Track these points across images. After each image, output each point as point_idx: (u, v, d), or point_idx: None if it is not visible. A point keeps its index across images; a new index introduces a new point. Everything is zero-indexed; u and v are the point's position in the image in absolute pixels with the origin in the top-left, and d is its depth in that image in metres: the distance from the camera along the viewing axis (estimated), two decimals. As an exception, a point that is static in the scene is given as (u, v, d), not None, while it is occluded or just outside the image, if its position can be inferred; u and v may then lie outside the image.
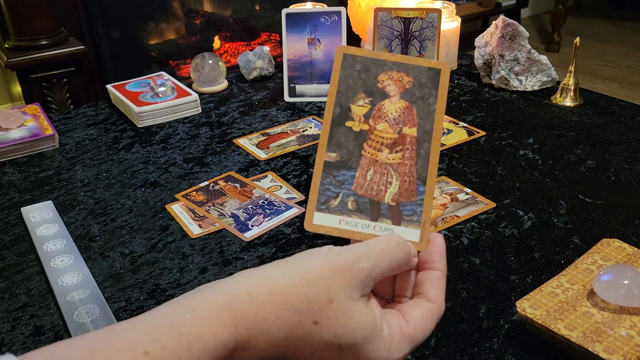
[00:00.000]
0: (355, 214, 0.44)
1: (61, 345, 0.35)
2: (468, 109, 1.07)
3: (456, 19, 1.23)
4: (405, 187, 0.45)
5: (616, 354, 0.50)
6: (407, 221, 0.44)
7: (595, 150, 0.91)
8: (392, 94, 0.46)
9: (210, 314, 0.36)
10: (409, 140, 0.45)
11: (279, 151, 0.96)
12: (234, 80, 1.25)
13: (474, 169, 0.87)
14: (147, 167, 0.92)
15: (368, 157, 0.45)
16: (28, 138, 0.97)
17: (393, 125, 0.46)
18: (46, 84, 1.94)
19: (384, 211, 0.44)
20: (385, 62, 0.47)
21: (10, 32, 1.92)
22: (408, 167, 0.45)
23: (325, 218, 0.44)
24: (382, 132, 0.46)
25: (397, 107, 0.46)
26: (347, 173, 0.45)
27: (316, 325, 0.37)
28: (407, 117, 0.46)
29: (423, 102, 0.46)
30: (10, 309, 0.64)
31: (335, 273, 0.38)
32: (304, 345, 0.38)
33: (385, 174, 0.45)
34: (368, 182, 0.45)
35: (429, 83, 0.46)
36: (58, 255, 0.71)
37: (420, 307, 0.41)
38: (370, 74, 0.46)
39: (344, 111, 0.46)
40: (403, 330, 0.40)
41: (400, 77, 0.46)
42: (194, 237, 0.75)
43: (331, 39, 1.12)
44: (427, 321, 0.41)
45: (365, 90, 0.46)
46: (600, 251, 0.62)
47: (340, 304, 0.37)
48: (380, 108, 0.46)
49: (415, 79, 0.46)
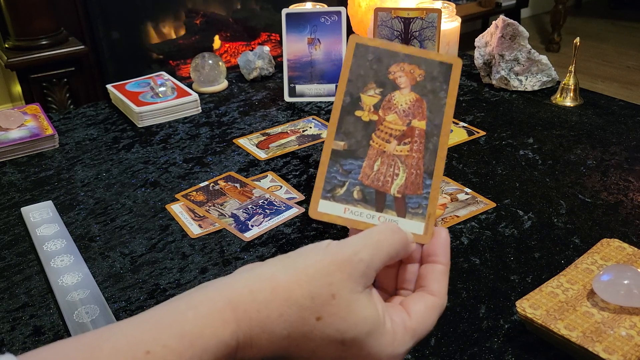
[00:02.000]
0: (361, 204, 0.44)
1: (61, 344, 0.35)
2: (468, 109, 1.07)
3: (456, 19, 1.23)
4: (412, 180, 0.44)
5: (616, 354, 0.50)
6: (412, 214, 0.44)
7: (595, 150, 0.91)
8: (403, 85, 0.46)
9: (212, 312, 0.36)
10: (417, 133, 0.45)
11: (279, 151, 0.96)
12: (234, 80, 1.25)
13: (474, 169, 0.87)
14: (147, 167, 0.92)
15: (376, 147, 0.45)
16: (28, 138, 0.97)
17: (402, 117, 0.45)
18: (46, 84, 1.94)
19: (389, 202, 0.44)
20: (397, 53, 0.46)
21: (10, 32, 1.93)
22: (416, 159, 0.45)
23: (330, 206, 0.44)
24: (391, 123, 0.45)
25: (407, 99, 0.46)
26: (354, 162, 0.45)
27: (319, 321, 0.37)
28: (417, 109, 0.45)
29: (434, 95, 0.45)
30: (10, 309, 0.64)
31: (335, 267, 0.38)
32: (307, 342, 0.38)
33: (393, 165, 0.45)
34: (375, 172, 0.45)
35: (440, 77, 0.46)
36: (58, 255, 0.71)
37: (423, 301, 0.41)
38: (382, 65, 0.46)
39: (354, 100, 0.46)
40: (406, 325, 0.40)
41: (412, 70, 0.46)
42: (194, 237, 0.75)
43: (331, 39, 1.12)
44: (429, 315, 0.41)
45: (376, 80, 0.46)
46: (600, 251, 0.62)
47: (342, 298, 0.37)
48: (391, 99, 0.46)
49: (427, 72, 0.46)
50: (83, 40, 2.11)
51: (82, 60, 2.03)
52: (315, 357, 0.39)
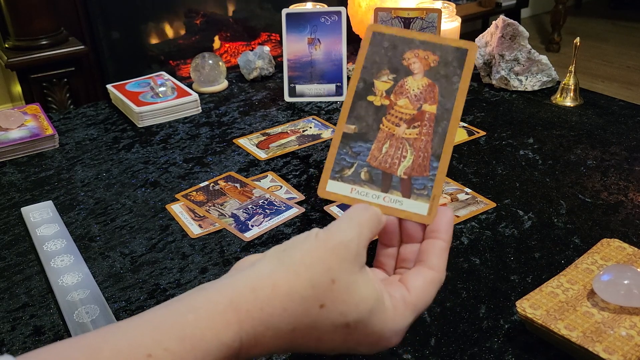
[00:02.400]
0: (367, 184, 0.45)
1: (61, 345, 0.34)
2: (468, 109, 1.07)
3: (456, 19, 1.23)
4: (419, 162, 0.45)
5: (616, 354, 0.50)
6: (416, 194, 0.44)
7: (595, 150, 0.91)
8: (417, 71, 0.47)
9: (213, 314, 0.36)
10: (427, 117, 0.46)
11: (279, 151, 0.96)
12: (234, 80, 1.25)
13: (474, 169, 0.87)
14: (147, 167, 0.92)
15: (386, 130, 0.46)
16: (28, 138, 0.97)
17: (414, 102, 0.46)
18: (46, 84, 1.94)
19: (395, 183, 0.45)
20: (413, 40, 0.47)
21: (10, 32, 1.92)
22: (424, 142, 0.46)
23: (338, 186, 0.45)
24: (402, 107, 0.46)
25: (419, 85, 0.47)
26: (363, 145, 0.46)
27: (322, 308, 0.37)
28: (429, 94, 0.46)
29: (446, 80, 0.46)
30: (10, 309, 0.64)
31: (329, 252, 0.38)
32: (312, 332, 0.38)
33: (401, 148, 0.46)
34: (383, 154, 0.46)
35: (454, 62, 0.47)
36: (58, 255, 0.71)
37: (422, 276, 0.42)
38: (397, 52, 0.47)
39: (367, 86, 0.47)
40: (406, 300, 0.40)
41: (427, 56, 0.47)
42: (194, 237, 0.75)
43: (331, 39, 1.12)
44: (428, 289, 0.41)
45: (390, 66, 0.47)
46: (600, 251, 0.62)
47: (342, 281, 0.38)
48: (403, 85, 0.47)
49: (442, 57, 0.47)
50: (83, 40, 2.11)
51: (82, 60, 2.02)
52: (321, 344, 0.39)
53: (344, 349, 0.40)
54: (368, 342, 0.39)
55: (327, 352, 0.40)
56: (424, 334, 0.58)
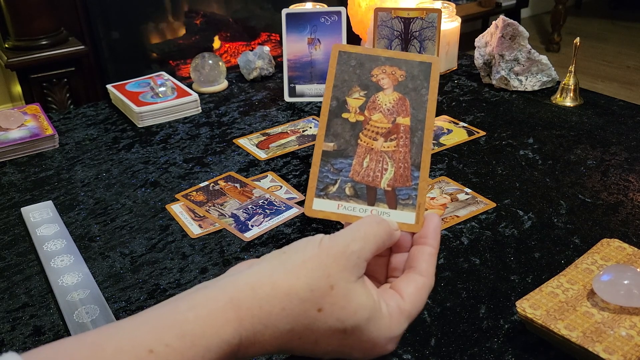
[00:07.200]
0: (353, 199, 0.46)
1: (64, 343, 0.35)
2: (468, 109, 1.07)
3: (456, 19, 1.23)
4: (401, 173, 0.47)
5: (616, 354, 0.50)
6: (402, 205, 0.46)
7: (595, 150, 0.91)
8: (386, 86, 0.49)
9: (213, 311, 0.37)
10: (402, 129, 0.48)
11: (279, 151, 0.96)
12: (234, 80, 1.25)
13: (474, 169, 0.87)
14: (147, 167, 0.92)
15: (364, 145, 0.48)
16: (28, 138, 0.97)
17: (387, 116, 0.48)
18: (46, 84, 1.94)
19: (380, 196, 0.46)
20: (378, 57, 0.49)
21: (10, 32, 1.93)
22: (402, 154, 0.47)
23: (324, 203, 0.46)
24: (377, 122, 0.48)
25: (390, 99, 0.48)
26: (344, 161, 0.47)
27: (320, 312, 0.38)
28: (401, 107, 0.48)
29: (415, 93, 0.48)
30: (10, 309, 0.64)
31: (331, 260, 0.39)
32: (309, 334, 0.39)
33: (381, 161, 0.47)
34: (364, 169, 0.47)
35: (420, 75, 0.49)
36: (58, 255, 0.71)
37: (413, 282, 0.43)
38: (364, 69, 0.49)
39: (340, 104, 0.49)
40: (400, 307, 0.41)
41: (394, 71, 0.49)
42: (194, 237, 0.75)
43: (331, 39, 1.12)
44: (420, 295, 0.42)
45: (360, 84, 0.49)
46: (600, 251, 0.62)
47: (340, 289, 0.39)
48: (375, 100, 0.48)
49: (408, 72, 0.49)
50: (83, 40, 2.11)
51: (82, 60, 2.03)
52: (317, 348, 0.40)
53: (338, 353, 0.40)
54: (363, 348, 0.40)
55: (321, 356, 0.41)
56: (424, 334, 0.58)
